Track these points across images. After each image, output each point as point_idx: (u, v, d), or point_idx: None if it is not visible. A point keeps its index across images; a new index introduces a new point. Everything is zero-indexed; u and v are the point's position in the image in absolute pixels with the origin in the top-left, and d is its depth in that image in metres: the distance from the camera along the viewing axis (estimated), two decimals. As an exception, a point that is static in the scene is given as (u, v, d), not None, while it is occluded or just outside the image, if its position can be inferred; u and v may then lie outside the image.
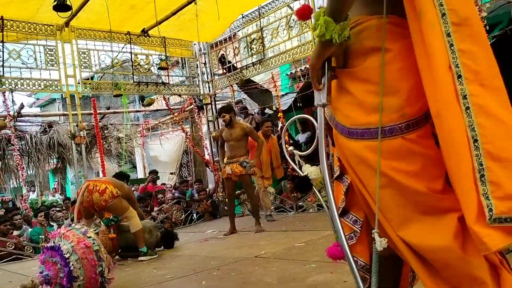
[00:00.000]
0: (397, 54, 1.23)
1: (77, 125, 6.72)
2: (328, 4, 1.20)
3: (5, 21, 6.22)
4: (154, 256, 4.82)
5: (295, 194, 7.23)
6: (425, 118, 1.23)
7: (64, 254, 2.97)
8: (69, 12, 5.38)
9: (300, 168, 1.68)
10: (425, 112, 1.22)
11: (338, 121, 1.33)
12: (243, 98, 10.47)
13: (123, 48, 7.46)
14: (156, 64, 7.82)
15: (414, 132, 1.21)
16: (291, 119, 2.34)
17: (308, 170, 1.60)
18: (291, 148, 1.77)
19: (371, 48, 1.26)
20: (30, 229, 7.09)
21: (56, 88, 6.85)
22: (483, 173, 1.08)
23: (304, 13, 1.36)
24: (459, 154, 1.12)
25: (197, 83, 8.73)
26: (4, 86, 6.31)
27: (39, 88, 6.75)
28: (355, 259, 1.35)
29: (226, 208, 7.41)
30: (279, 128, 9.41)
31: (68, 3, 4.75)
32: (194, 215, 8.06)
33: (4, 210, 8.56)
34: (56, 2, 4.70)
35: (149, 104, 7.90)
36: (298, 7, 1.38)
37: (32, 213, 7.59)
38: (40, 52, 6.75)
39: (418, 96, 1.21)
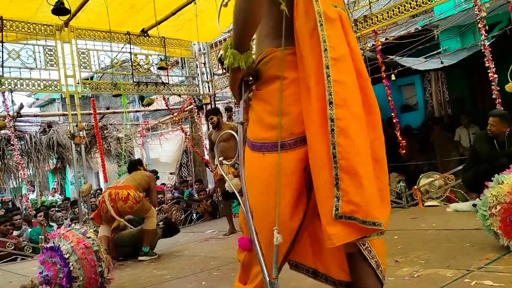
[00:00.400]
0: (291, 82, 1.47)
1: (76, 125, 6.71)
2: (233, 39, 1.47)
3: (4, 21, 6.22)
4: (154, 256, 4.82)
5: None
6: None
7: (64, 254, 2.97)
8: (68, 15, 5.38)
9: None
10: None
11: (247, 135, 1.58)
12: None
13: (122, 48, 7.45)
14: (156, 64, 7.81)
15: (300, 147, 1.47)
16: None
17: (229, 179, 1.84)
18: (221, 158, 1.89)
19: (274, 75, 1.49)
20: (29, 229, 7.09)
21: (55, 88, 6.84)
22: (338, 182, 1.38)
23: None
24: (322, 168, 1.40)
25: (197, 83, 8.72)
26: (3, 86, 6.31)
27: (39, 88, 6.74)
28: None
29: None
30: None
31: (67, 6, 4.74)
32: (194, 215, 8.05)
33: (4, 210, 8.57)
34: (55, 6, 4.69)
35: (149, 104, 7.89)
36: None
37: (34, 212, 7.60)
38: (39, 52, 6.74)
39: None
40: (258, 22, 1.47)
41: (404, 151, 5.85)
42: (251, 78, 1.56)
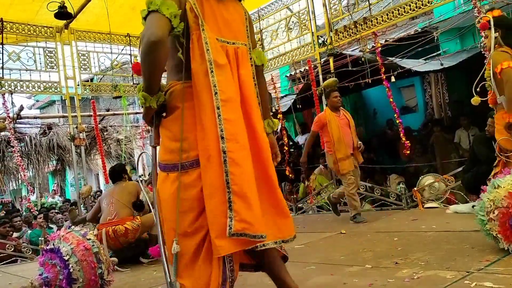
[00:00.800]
0: (188, 111, 1.76)
1: (76, 127, 6.72)
2: (143, 84, 1.74)
3: (4, 23, 6.23)
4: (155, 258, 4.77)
5: (295, 196, 7.23)
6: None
7: (64, 256, 2.97)
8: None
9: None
10: None
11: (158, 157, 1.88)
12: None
13: (122, 50, 7.46)
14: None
15: (195, 169, 1.74)
16: None
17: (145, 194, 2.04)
18: (142, 176, 2.22)
19: (175, 105, 1.79)
20: (29, 231, 7.09)
21: (55, 90, 6.85)
22: (231, 204, 1.66)
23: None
24: (215, 191, 1.67)
25: (197, 85, 8.73)
26: (3, 88, 6.31)
27: (39, 90, 6.75)
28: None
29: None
30: (278, 129, 9.41)
31: (69, 10, 4.75)
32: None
33: (4, 212, 8.56)
34: (57, 9, 4.70)
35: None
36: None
37: (37, 212, 7.59)
38: (39, 54, 6.75)
39: None
40: (161, 70, 1.73)
41: (408, 152, 5.83)
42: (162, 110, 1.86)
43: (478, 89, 3.37)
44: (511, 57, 3.18)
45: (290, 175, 7.55)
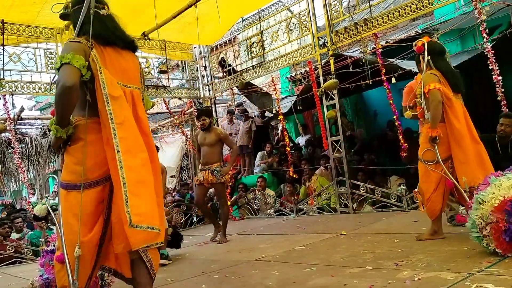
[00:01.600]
0: (90, 142, 2.24)
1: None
2: (56, 119, 2.19)
3: (5, 24, 6.24)
4: (170, 261, 4.59)
5: (295, 197, 7.22)
6: (105, 179, 2.26)
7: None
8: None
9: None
10: (106, 176, 2.25)
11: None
12: (243, 101, 10.48)
13: (123, 51, 7.47)
14: (156, 67, 7.82)
15: (93, 188, 2.24)
16: None
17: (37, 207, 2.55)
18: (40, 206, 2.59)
19: (78, 137, 2.27)
20: (30, 232, 7.08)
21: (56, 91, 6.84)
22: (127, 201, 2.11)
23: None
24: (118, 191, 2.16)
25: (197, 86, 8.73)
26: (4, 89, 6.32)
27: (39, 91, 6.76)
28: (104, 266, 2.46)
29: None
30: (279, 131, 9.40)
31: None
32: (194, 218, 8.04)
33: (6, 213, 8.56)
34: (61, 10, 4.70)
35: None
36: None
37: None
38: (40, 55, 6.75)
39: (99, 168, 2.24)
40: (72, 109, 2.21)
41: (405, 154, 5.84)
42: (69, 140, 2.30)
43: (411, 104, 3.76)
44: (438, 79, 3.57)
45: (294, 175, 7.55)
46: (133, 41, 2.53)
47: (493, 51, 4.87)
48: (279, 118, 7.93)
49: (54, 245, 3.09)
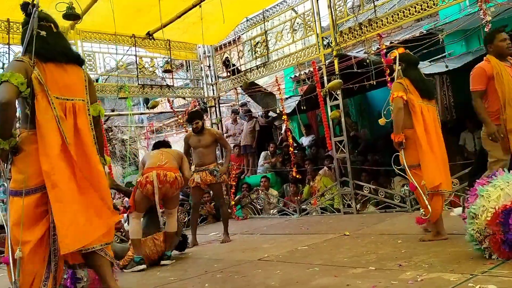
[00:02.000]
0: (28, 153, 2.45)
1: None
2: None
3: (11, 23, 6.27)
4: (173, 261, 4.58)
5: (299, 197, 7.22)
6: (44, 187, 2.42)
7: (68, 255, 2.98)
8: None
9: None
10: (44, 184, 2.43)
11: None
12: (247, 101, 10.49)
13: (128, 50, 7.49)
14: (161, 66, 7.85)
15: (33, 195, 2.43)
16: None
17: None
18: None
19: (21, 148, 2.46)
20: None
21: (61, 90, 6.87)
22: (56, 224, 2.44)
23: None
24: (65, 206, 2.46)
25: (201, 86, 8.74)
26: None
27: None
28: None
29: (229, 210, 7.41)
30: (283, 131, 9.40)
31: (78, 11, 4.75)
32: (198, 217, 8.04)
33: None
34: (65, 10, 4.71)
35: (154, 107, 7.91)
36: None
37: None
38: (45, 54, 6.77)
39: (38, 176, 2.43)
40: (11, 123, 2.44)
41: None
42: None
43: (385, 112, 4.01)
44: (403, 88, 3.77)
45: (298, 176, 7.54)
46: (78, 56, 2.79)
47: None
48: (283, 118, 7.93)
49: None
